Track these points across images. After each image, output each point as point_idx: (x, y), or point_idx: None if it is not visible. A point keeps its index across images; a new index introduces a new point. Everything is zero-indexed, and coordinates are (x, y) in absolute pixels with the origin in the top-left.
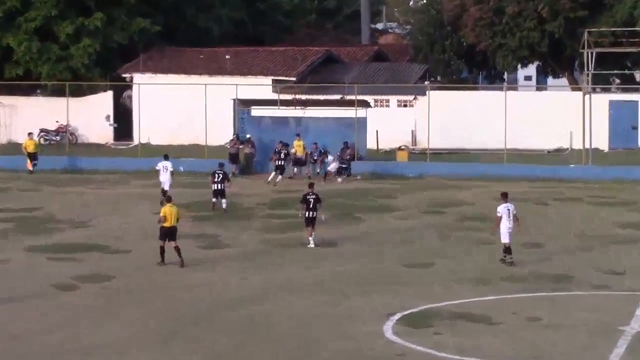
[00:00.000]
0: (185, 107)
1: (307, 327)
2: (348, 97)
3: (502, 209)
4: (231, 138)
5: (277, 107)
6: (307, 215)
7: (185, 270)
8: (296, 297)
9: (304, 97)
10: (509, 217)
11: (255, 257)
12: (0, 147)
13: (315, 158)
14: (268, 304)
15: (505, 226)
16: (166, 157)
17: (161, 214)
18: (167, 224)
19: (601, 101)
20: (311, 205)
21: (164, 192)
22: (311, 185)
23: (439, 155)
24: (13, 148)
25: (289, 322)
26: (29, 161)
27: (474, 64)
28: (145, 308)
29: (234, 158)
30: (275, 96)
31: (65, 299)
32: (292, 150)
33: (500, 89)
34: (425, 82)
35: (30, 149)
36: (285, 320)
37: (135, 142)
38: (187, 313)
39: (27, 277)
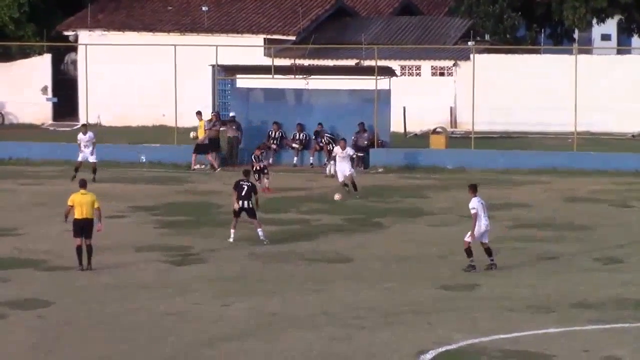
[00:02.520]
0: (148, 76)
1: None
2: (366, 63)
3: (478, 204)
4: (209, 117)
5: (270, 76)
6: (237, 205)
7: (146, 295)
8: (295, 331)
9: (306, 62)
10: (484, 213)
11: (241, 278)
12: None
13: (320, 145)
14: (257, 339)
15: (483, 224)
16: (84, 127)
17: (69, 203)
18: (78, 216)
19: None
20: (243, 193)
21: (93, 169)
22: (247, 174)
23: (486, 140)
24: None
25: None
26: None
27: (535, 19)
28: (93, 345)
29: (213, 143)
30: (268, 61)
31: None
32: (193, 134)
33: (570, 52)
34: (469, 43)
35: None
36: None
37: (82, 122)
38: (148, 353)
39: None
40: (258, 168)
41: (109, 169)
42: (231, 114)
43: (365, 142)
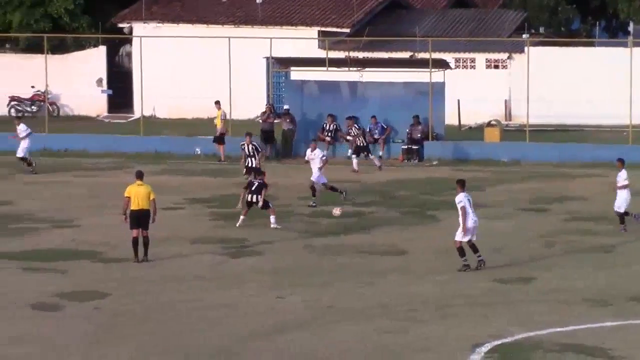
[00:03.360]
0: (203, 69)
1: None
2: (420, 56)
3: (464, 199)
4: (263, 110)
5: (325, 69)
6: (248, 198)
7: (202, 287)
8: (350, 323)
9: (360, 55)
10: (472, 209)
11: (296, 270)
12: None
13: (375, 137)
14: (312, 331)
15: (471, 220)
16: (18, 119)
17: (125, 194)
18: (134, 207)
19: None
20: (253, 188)
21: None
22: (259, 173)
23: (541, 133)
24: None
25: (339, 357)
26: None
27: (589, 11)
28: (149, 337)
29: (267, 136)
30: (322, 54)
31: (44, 323)
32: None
33: (625, 44)
34: (524, 36)
35: None
36: (335, 353)
37: (137, 114)
38: (204, 343)
39: None
40: (250, 165)
41: (165, 161)
42: (285, 107)
43: (419, 135)
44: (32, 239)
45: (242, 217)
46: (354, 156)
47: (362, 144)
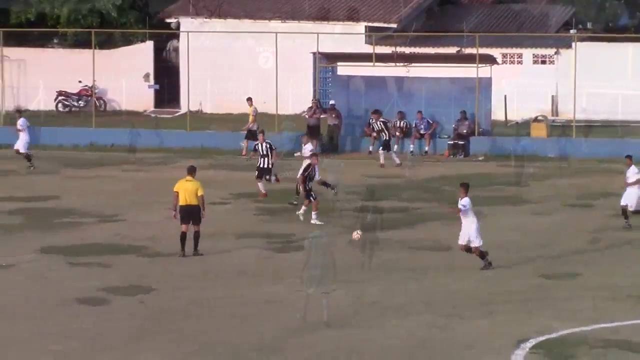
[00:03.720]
0: (249, 63)
1: (408, 359)
2: (467, 51)
3: (468, 203)
4: (310, 105)
5: (371, 64)
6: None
7: (247, 282)
8: (395, 319)
9: (407, 50)
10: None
11: (342, 265)
12: (5, 115)
13: (421, 132)
14: (356, 327)
15: (475, 226)
16: (19, 112)
17: (174, 189)
18: (182, 202)
19: None
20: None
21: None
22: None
23: (588, 129)
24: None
25: (383, 352)
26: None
27: (637, 7)
28: (192, 331)
29: (313, 131)
30: (369, 49)
31: (91, 317)
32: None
33: None
34: (571, 31)
35: None
36: (378, 349)
37: (183, 109)
38: (248, 339)
39: (38, 288)
40: (263, 166)
41: (211, 156)
42: (331, 102)
43: (465, 130)
44: (77, 233)
45: (303, 207)
46: (392, 153)
47: (387, 138)
